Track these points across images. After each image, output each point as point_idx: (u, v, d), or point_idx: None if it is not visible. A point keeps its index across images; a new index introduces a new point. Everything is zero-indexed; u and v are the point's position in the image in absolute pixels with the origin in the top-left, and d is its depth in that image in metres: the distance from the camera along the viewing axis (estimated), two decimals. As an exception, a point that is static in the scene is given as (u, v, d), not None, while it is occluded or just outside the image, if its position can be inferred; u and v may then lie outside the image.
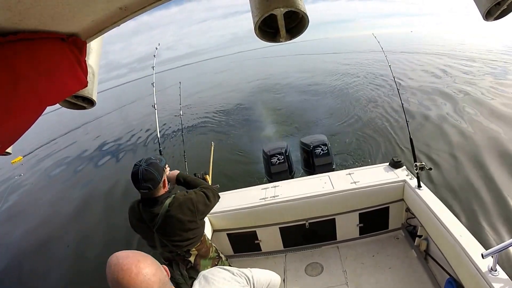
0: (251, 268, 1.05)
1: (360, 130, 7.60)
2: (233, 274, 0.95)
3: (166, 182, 1.63)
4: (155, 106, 2.95)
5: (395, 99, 9.04)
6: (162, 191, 1.59)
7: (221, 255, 1.99)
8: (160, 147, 2.93)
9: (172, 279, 1.87)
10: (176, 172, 1.84)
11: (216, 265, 1.87)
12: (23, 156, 12.69)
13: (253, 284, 0.99)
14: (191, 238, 1.68)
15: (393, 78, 2.98)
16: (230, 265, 2.07)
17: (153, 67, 3.11)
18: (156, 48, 3.26)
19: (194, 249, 1.73)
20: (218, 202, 1.78)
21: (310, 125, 8.85)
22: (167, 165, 1.64)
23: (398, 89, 2.93)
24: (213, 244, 1.98)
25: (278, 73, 24.79)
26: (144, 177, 1.48)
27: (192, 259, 1.74)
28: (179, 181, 1.81)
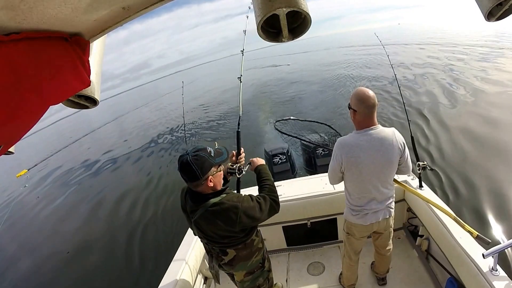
0: None
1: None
2: None
3: (218, 181, 1.43)
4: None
5: (396, 96, 9.00)
6: (206, 188, 1.40)
7: (265, 264, 1.73)
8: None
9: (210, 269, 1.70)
10: (261, 162, 1.78)
11: (254, 273, 1.66)
12: (28, 169, 12.79)
13: None
14: (226, 242, 1.53)
15: (394, 75, 2.97)
16: (269, 278, 1.76)
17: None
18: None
19: (232, 249, 1.56)
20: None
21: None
22: (222, 165, 1.46)
23: (399, 87, 2.90)
24: (265, 253, 1.74)
25: (276, 73, 24.74)
26: (183, 168, 1.34)
27: (227, 258, 1.57)
28: (256, 171, 1.72)
